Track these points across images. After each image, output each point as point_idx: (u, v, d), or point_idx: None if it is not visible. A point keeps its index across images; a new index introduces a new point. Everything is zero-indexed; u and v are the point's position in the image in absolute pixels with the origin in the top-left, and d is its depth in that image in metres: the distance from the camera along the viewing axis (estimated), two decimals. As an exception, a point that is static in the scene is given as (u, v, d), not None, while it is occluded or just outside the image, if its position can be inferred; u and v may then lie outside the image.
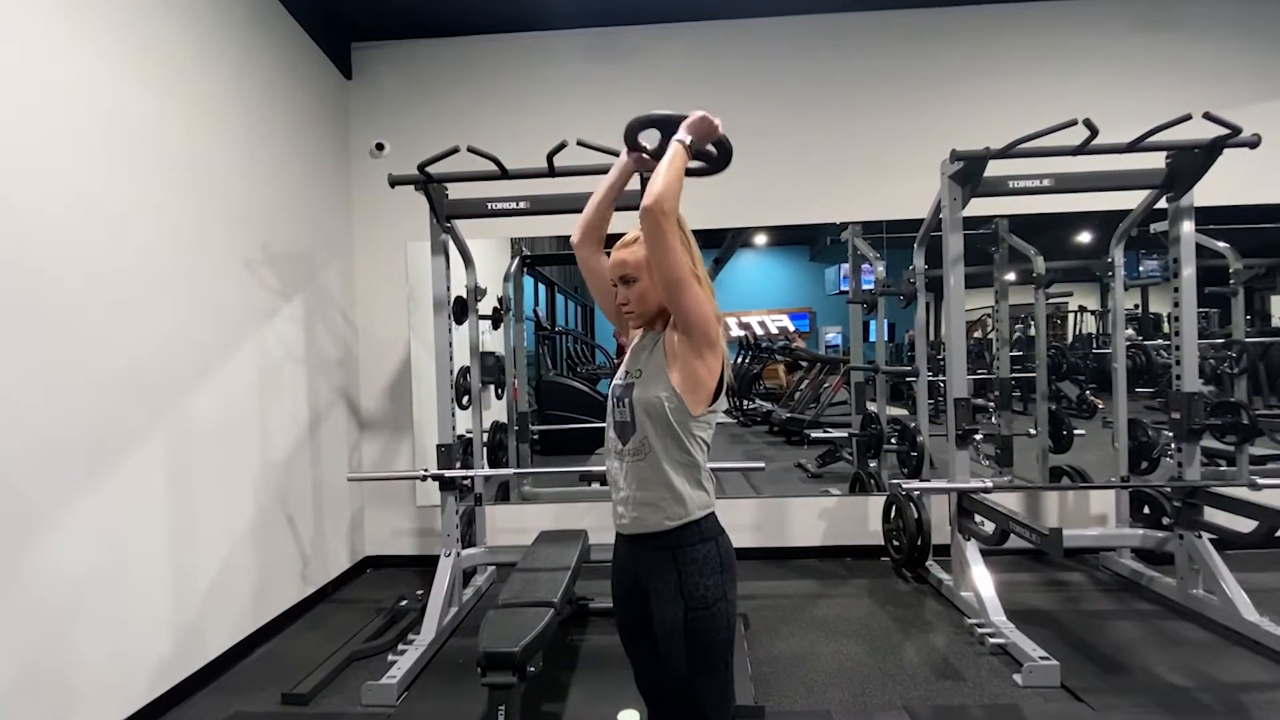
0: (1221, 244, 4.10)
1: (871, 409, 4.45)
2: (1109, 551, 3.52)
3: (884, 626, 2.91)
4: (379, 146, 3.96)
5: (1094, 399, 5.41)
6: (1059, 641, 2.64)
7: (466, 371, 3.64)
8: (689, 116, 1.34)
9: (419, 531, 3.99)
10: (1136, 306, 6.04)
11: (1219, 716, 2.14)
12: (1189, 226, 2.93)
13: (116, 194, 2.24)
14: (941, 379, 3.51)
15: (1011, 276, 4.30)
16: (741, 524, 3.87)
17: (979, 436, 3.73)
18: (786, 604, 3.20)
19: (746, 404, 7.31)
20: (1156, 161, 2.94)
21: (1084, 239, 4.70)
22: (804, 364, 7.15)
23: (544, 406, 5.41)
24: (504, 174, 2.88)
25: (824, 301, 7.57)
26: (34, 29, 1.98)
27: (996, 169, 2.87)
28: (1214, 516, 2.86)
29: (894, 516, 3.63)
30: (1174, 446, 3.02)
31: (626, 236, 1.37)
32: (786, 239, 7.36)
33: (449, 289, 3.13)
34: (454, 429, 3.09)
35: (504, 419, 4.59)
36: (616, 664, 1.79)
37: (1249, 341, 4.27)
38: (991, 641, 2.58)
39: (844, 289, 4.99)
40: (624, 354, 1.44)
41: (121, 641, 2.20)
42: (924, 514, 3.39)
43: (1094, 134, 2.64)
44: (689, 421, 1.28)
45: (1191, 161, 2.84)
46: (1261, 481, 2.71)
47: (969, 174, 2.93)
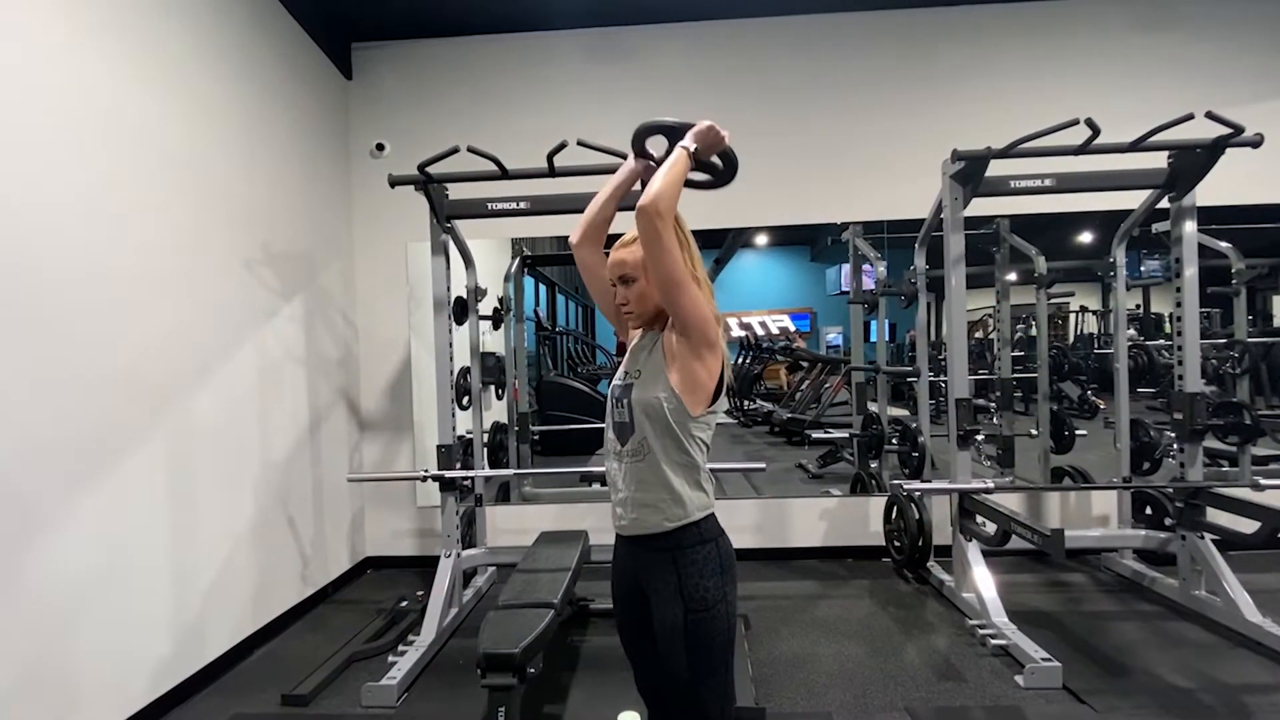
0: (1224, 244, 4.09)
1: (872, 409, 4.44)
2: (1111, 552, 3.51)
3: (885, 627, 2.90)
4: (379, 147, 3.96)
5: (1095, 399, 5.41)
6: (1061, 643, 2.63)
7: (467, 372, 3.64)
8: (696, 125, 1.34)
9: (419, 532, 3.99)
10: (1138, 306, 6.03)
11: (1221, 718, 2.13)
12: (1191, 226, 2.92)
13: (116, 194, 2.24)
14: (943, 379, 3.50)
15: (1013, 276, 4.29)
16: (742, 525, 3.86)
17: (980, 437, 3.71)
18: (787, 605, 3.19)
19: (747, 404, 7.30)
20: (1158, 161, 2.93)
21: (1085, 239, 4.69)
22: (805, 364, 7.14)
23: (544, 407, 5.41)
24: (504, 174, 2.88)
25: (825, 302, 7.56)
26: (34, 29, 1.97)
27: (998, 169, 2.86)
28: (1216, 517, 2.85)
29: (895, 517, 3.62)
30: (1176, 447, 3.01)
31: (625, 236, 1.37)
32: (787, 239, 7.35)
33: (449, 289, 3.13)
34: (454, 429, 3.09)
35: (504, 419, 4.59)
36: (617, 665, 1.78)
37: (1251, 342, 4.26)
38: (993, 643, 2.57)
39: (845, 289, 4.99)
40: (624, 354, 1.44)
41: (122, 642, 2.20)
42: (925, 515, 3.39)
43: (1096, 133, 2.64)
44: (688, 422, 1.27)
45: (1194, 161, 2.84)
46: (1264, 482, 2.69)
47: (970, 174, 2.92)
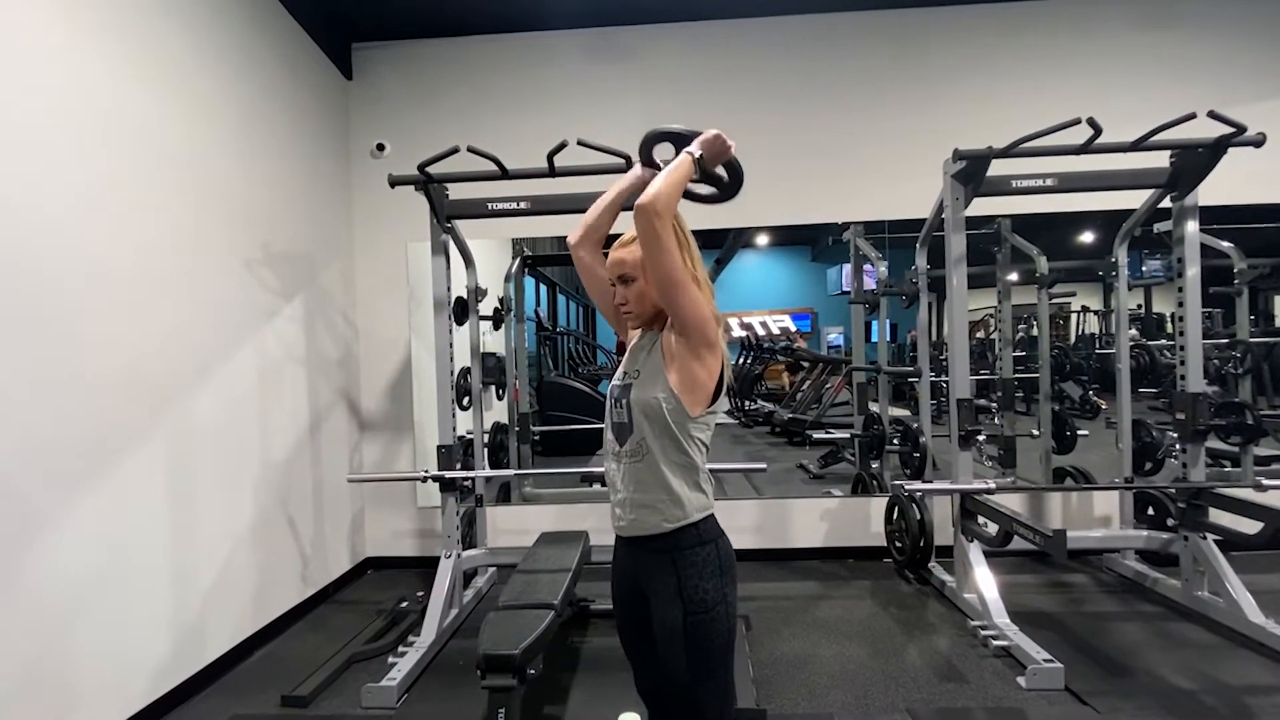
0: (1226, 244, 4.08)
1: (874, 410, 4.44)
2: (1113, 553, 3.50)
3: (886, 628, 2.89)
4: (379, 147, 3.96)
5: (1097, 399, 5.40)
6: (1063, 644, 2.63)
7: (467, 372, 3.64)
8: (703, 134, 1.33)
9: (420, 533, 3.98)
10: (1140, 306, 6.01)
11: (1224, 720, 2.13)
12: (1193, 226, 2.91)
13: (116, 194, 2.24)
14: (944, 379, 3.49)
15: (1014, 276, 4.29)
16: (743, 525, 3.86)
17: (982, 437, 3.69)
18: (788, 605, 3.19)
19: (748, 405, 7.30)
20: (1160, 161, 2.92)
21: (1087, 239, 4.69)
22: (806, 364, 7.13)
23: (545, 407, 5.41)
24: (504, 174, 2.88)
25: (826, 302, 7.57)
26: (34, 29, 1.97)
27: (999, 168, 2.85)
28: (1219, 518, 2.84)
29: (896, 518, 3.61)
30: (1178, 447, 3.00)
31: (625, 236, 1.36)
32: (788, 239, 7.36)
33: (450, 289, 3.13)
34: (455, 430, 3.08)
35: (505, 420, 4.59)
36: (617, 666, 1.78)
37: (1253, 342, 4.25)
38: (995, 644, 2.56)
39: (846, 289, 4.98)
40: (624, 354, 1.43)
41: (122, 642, 2.20)
42: (926, 515, 3.38)
43: (1097, 133, 2.63)
44: (687, 423, 1.27)
45: (1196, 161, 2.83)
46: (1267, 482, 2.68)
47: (971, 173, 2.91)
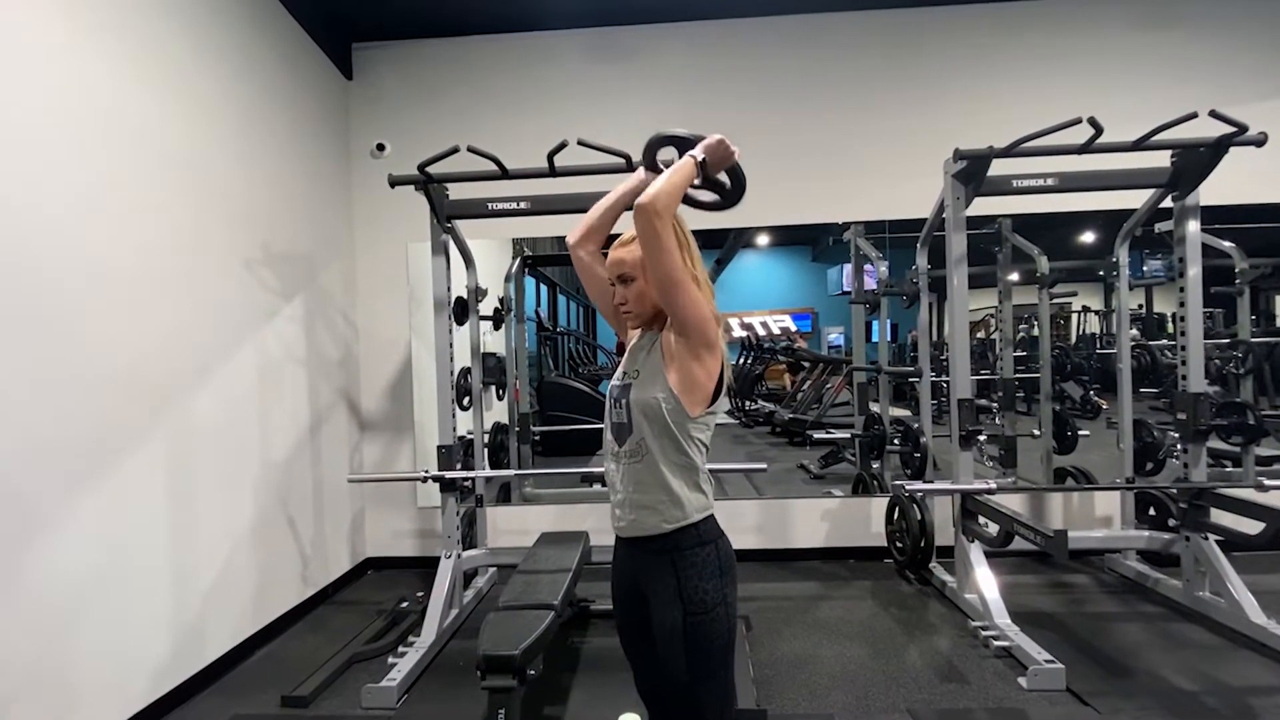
0: (1227, 243, 4.08)
1: (874, 410, 4.43)
2: (1114, 553, 3.49)
3: (887, 629, 2.89)
4: (379, 147, 3.95)
5: (1098, 400, 5.40)
6: (1064, 644, 2.62)
7: (467, 372, 3.64)
8: (707, 138, 1.33)
9: (420, 533, 3.98)
10: (1141, 306, 6.01)
11: (1226, 720, 2.12)
12: (1194, 226, 2.90)
13: (116, 194, 2.24)
14: (945, 380, 3.49)
15: (1015, 276, 4.29)
16: (743, 525, 3.85)
17: (983, 437, 3.69)
18: (789, 606, 3.18)
19: (749, 405, 7.30)
20: (1161, 160, 2.92)
21: (1088, 239, 4.69)
22: (806, 365, 7.13)
23: (545, 407, 5.41)
24: (504, 174, 2.88)
25: (826, 302, 7.57)
26: (34, 29, 1.97)
27: (1000, 168, 2.85)
28: (1220, 518, 2.84)
29: (897, 518, 3.61)
30: (1179, 448, 3.00)
31: (624, 235, 1.36)
32: (788, 239, 7.36)
33: (450, 289, 3.13)
34: (455, 430, 3.08)
35: (505, 420, 4.59)
36: (617, 667, 1.77)
37: (1255, 341, 4.24)
38: (996, 644, 2.56)
39: (846, 289, 4.98)
40: (624, 354, 1.43)
41: (122, 642, 2.20)
42: (927, 515, 3.37)
43: (1098, 132, 2.63)
44: (686, 423, 1.26)
45: (1197, 160, 2.83)
46: (1268, 483, 2.67)
47: (972, 173, 2.91)
